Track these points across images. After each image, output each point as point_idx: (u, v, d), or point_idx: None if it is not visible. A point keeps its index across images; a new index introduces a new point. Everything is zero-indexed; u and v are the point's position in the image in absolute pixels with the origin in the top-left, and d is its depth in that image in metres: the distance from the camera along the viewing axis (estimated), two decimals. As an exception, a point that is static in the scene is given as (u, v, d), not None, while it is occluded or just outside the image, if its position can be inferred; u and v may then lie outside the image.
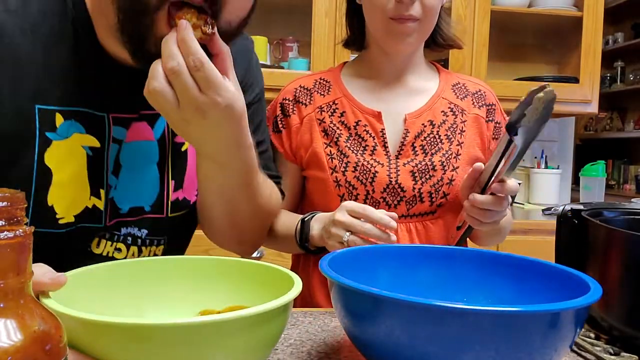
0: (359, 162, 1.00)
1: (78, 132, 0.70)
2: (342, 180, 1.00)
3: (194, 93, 0.60)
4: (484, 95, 1.08)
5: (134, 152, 0.75)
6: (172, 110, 0.61)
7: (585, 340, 0.68)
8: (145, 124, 0.76)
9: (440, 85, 1.08)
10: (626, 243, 0.67)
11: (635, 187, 4.49)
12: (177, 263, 0.66)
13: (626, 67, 4.74)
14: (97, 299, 0.58)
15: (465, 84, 1.09)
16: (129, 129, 0.74)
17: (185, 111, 0.61)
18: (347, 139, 1.02)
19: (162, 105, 0.62)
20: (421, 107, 1.04)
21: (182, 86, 0.60)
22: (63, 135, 0.68)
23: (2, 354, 0.30)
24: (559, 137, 2.65)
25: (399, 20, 0.96)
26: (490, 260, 0.68)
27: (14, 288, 0.32)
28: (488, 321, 0.45)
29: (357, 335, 0.54)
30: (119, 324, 0.44)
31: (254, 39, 2.53)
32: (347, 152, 1.01)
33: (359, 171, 1.00)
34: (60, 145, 0.68)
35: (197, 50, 0.59)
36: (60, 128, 0.68)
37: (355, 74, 1.09)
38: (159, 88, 0.60)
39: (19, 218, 0.32)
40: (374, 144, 1.01)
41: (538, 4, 2.32)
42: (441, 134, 1.03)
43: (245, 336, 0.47)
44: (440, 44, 1.08)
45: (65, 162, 0.69)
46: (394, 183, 1.00)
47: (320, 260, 0.59)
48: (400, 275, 0.69)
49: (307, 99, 1.06)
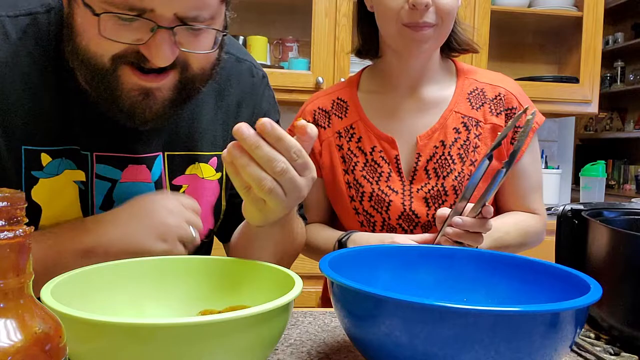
0: (374, 191, 1.02)
1: (69, 169, 0.72)
2: (360, 208, 1.04)
3: (297, 180, 0.60)
4: (503, 99, 1.03)
5: (129, 192, 0.75)
6: (280, 202, 0.60)
7: (585, 340, 0.68)
8: (144, 166, 0.77)
9: (455, 94, 1.04)
10: (626, 243, 0.67)
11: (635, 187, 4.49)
12: (177, 263, 0.66)
13: (626, 67, 4.74)
14: (97, 299, 0.58)
15: (484, 89, 1.04)
16: (124, 170, 0.75)
17: (291, 197, 0.61)
18: (364, 167, 1.03)
19: (274, 202, 0.60)
20: (433, 126, 1.02)
21: (290, 181, 0.59)
22: (52, 173, 0.71)
23: (2, 354, 0.30)
24: (559, 137, 2.65)
25: (414, 28, 0.92)
26: (490, 260, 0.68)
27: (14, 288, 0.32)
28: (488, 321, 0.45)
29: (357, 335, 0.54)
30: (119, 324, 0.44)
31: (254, 39, 2.54)
32: (363, 181, 1.03)
33: (374, 201, 1.02)
34: (47, 183, 0.71)
35: (294, 142, 0.59)
36: (48, 166, 0.71)
37: (370, 89, 1.07)
38: (274, 190, 0.59)
39: (19, 218, 0.32)
40: (389, 171, 1.02)
41: (538, 4, 2.32)
42: (453, 154, 1.01)
43: (245, 336, 0.47)
44: (456, 48, 1.05)
45: (55, 198, 0.72)
46: (408, 210, 1.01)
47: (320, 261, 0.59)
48: (400, 275, 0.69)
49: (325, 122, 1.07)
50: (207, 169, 0.83)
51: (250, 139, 0.56)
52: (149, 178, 0.78)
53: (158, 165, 0.78)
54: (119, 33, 0.61)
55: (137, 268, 0.64)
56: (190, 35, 0.64)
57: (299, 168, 0.59)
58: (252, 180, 0.58)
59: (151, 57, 0.62)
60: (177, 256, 0.68)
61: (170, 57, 0.62)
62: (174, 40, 0.62)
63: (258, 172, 0.57)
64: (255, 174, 0.57)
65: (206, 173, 0.83)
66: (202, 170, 0.83)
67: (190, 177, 0.82)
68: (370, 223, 1.03)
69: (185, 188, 0.82)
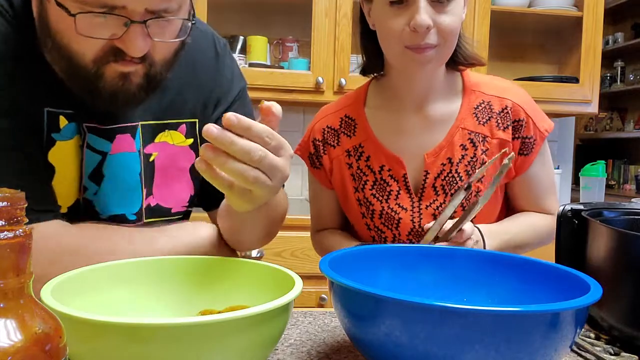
0: (384, 210, 1.03)
1: (78, 135, 0.75)
2: (371, 224, 1.05)
3: (277, 162, 0.60)
4: (509, 112, 1.01)
5: (118, 163, 0.78)
6: (267, 187, 0.61)
7: (585, 340, 0.68)
8: (128, 135, 0.79)
9: (461, 110, 1.02)
10: (626, 243, 0.67)
11: (635, 187, 4.49)
12: (177, 263, 0.66)
13: (626, 67, 4.74)
14: (97, 299, 0.59)
15: (491, 102, 1.02)
16: (113, 142, 0.78)
17: (276, 179, 0.62)
18: (373, 185, 1.04)
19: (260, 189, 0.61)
20: (440, 143, 1.01)
21: (271, 165, 0.60)
22: (67, 136, 0.74)
23: (2, 354, 0.30)
24: (559, 137, 2.65)
25: (416, 50, 0.91)
26: (490, 260, 0.68)
27: (14, 288, 0.32)
28: (488, 321, 0.45)
29: (357, 335, 0.54)
30: (119, 324, 0.44)
31: (254, 39, 2.54)
32: (372, 200, 1.04)
33: (384, 218, 1.03)
34: (62, 146, 0.74)
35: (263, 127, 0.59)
36: (64, 129, 0.74)
37: (377, 105, 1.07)
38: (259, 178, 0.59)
39: (19, 218, 0.32)
40: (397, 189, 1.03)
41: (538, 4, 2.32)
42: (460, 171, 1.01)
43: (245, 336, 0.47)
44: (461, 62, 1.03)
45: (67, 161, 0.75)
46: (417, 227, 1.02)
47: (320, 261, 0.59)
48: (400, 275, 0.69)
49: (334, 141, 1.08)
50: (177, 136, 0.85)
51: (223, 137, 0.56)
52: (134, 148, 0.80)
53: (138, 134, 0.81)
54: (95, 30, 0.64)
55: (137, 268, 0.64)
56: (160, 27, 0.67)
57: (275, 150, 0.60)
58: (235, 175, 0.59)
59: (127, 49, 0.65)
60: (177, 256, 0.68)
61: (144, 48, 0.66)
62: (146, 32, 0.65)
63: (238, 165, 0.58)
64: (236, 168, 0.58)
65: (176, 139, 0.85)
66: (172, 136, 0.84)
67: (160, 144, 0.83)
68: (381, 238, 1.05)
69: (155, 155, 0.83)
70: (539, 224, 1.05)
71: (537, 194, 1.07)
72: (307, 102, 2.18)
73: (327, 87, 2.13)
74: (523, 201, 1.08)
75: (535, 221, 1.06)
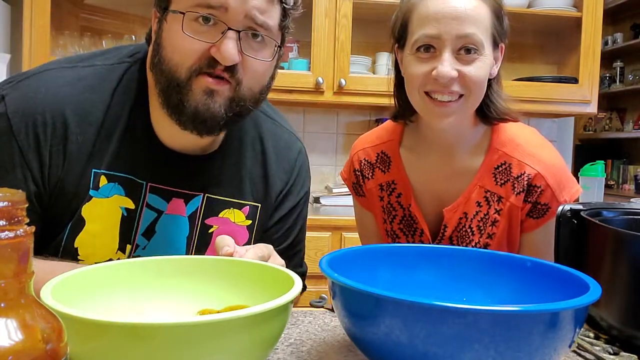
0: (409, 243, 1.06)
1: (118, 194, 0.80)
2: None
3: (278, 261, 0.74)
4: (526, 178, 0.98)
5: (170, 223, 0.85)
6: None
7: (584, 340, 0.68)
8: (181, 200, 0.85)
9: (481, 168, 1.01)
10: (625, 243, 0.67)
11: (634, 187, 4.49)
12: (177, 263, 0.66)
13: (625, 67, 4.73)
14: (97, 299, 0.58)
15: (511, 165, 0.99)
16: (169, 203, 0.84)
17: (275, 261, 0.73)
18: (401, 220, 1.08)
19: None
20: (458, 200, 1.02)
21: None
22: (104, 195, 0.80)
23: (3, 354, 0.30)
24: (558, 137, 2.65)
25: (437, 103, 0.90)
26: (490, 260, 0.68)
27: (14, 288, 0.32)
28: (488, 321, 0.45)
29: (357, 335, 0.54)
30: (119, 324, 0.44)
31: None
32: (400, 233, 1.08)
33: None
34: (97, 202, 0.79)
35: (257, 250, 0.70)
36: (103, 188, 0.80)
37: (411, 146, 1.08)
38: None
39: (20, 218, 0.32)
40: (421, 228, 1.06)
41: (537, 4, 2.32)
42: (472, 225, 1.02)
43: (245, 336, 0.47)
44: (494, 118, 0.99)
45: (100, 217, 0.80)
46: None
47: (320, 261, 0.59)
48: (400, 275, 0.69)
49: (369, 173, 1.11)
50: (239, 215, 0.90)
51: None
52: (184, 212, 0.85)
53: (195, 202, 0.86)
54: (197, 33, 0.72)
55: (137, 268, 0.64)
56: (252, 46, 0.74)
57: (267, 255, 0.71)
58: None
59: (220, 56, 0.71)
60: (177, 256, 0.68)
61: (235, 55, 0.71)
62: (239, 46, 0.72)
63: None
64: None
65: (237, 218, 0.90)
66: (234, 215, 0.90)
67: (222, 219, 0.89)
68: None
69: (215, 228, 0.89)
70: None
71: (534, 255, 1.04)
72: (307, 102, 2.18)
73: (327, 87, 2.13)
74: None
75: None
